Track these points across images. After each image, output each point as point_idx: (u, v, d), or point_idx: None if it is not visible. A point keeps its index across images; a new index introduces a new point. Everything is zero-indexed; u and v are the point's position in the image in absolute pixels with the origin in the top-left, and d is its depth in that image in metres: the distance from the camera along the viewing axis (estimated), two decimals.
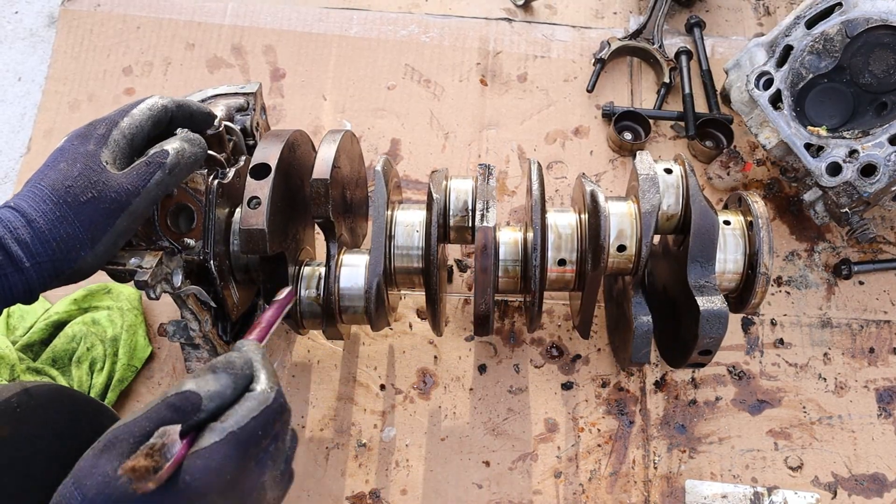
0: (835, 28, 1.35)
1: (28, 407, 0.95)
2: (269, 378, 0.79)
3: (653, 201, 1.11)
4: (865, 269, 1.50)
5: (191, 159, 0.95)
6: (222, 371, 0.77)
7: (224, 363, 0.79)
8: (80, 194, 0.85)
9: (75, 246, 0.85)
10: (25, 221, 0.83)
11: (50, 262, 0.84)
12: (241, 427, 0.73)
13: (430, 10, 1.79)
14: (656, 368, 1.42)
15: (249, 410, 0.75)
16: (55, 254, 0.84)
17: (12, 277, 0.82)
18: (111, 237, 0.87)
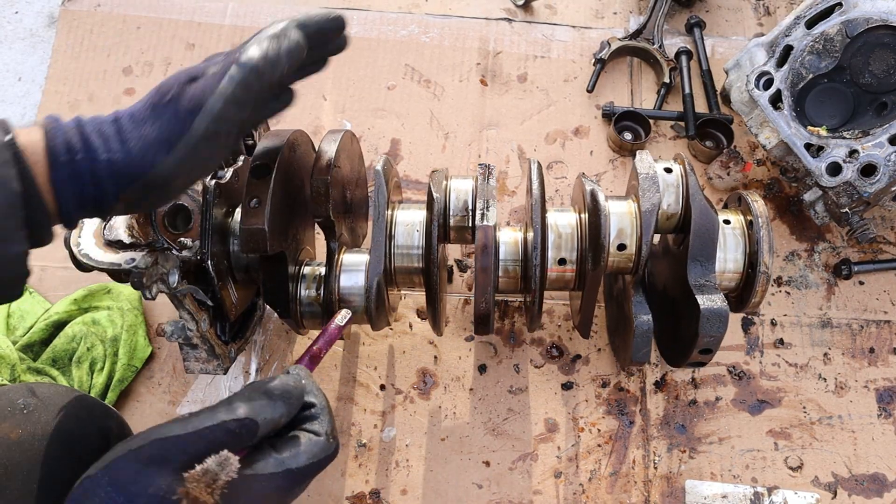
0: (835, 28, 1.35)
1: (36, 408, 0.95)
2: (330, 423, 0.80)
3: (653, 200, 1.11)
4: (865, 269, 1.50)
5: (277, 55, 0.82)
6: (279, 399, 0.77)
7: (281, 391, 0.78)
8: (164, 96, 0.80)
9: (151, 148, 0.78)
10: (114, 119, 0.80)
11: (124, 162, 0.78)
12: (299, 467, 0.75)
13: (430, 10, 1.79)
14: (656, 368, 1.42)
15: (312, 455, 0.76)
16: (131, 153, 0.78)
17: (83, 165, 0.77)
18: (188, 142, 0.78)
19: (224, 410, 0.74)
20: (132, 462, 0.71)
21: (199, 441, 0.72)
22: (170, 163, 0.78)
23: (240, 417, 0.73)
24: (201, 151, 0.79)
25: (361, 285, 1.15)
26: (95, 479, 0.72)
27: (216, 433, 0.72)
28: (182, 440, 0.72)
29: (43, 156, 0.76)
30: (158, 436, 0.73)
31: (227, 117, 0.79)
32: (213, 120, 0.78)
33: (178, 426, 0.73)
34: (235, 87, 0.79)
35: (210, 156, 0.82)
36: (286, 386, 0.79)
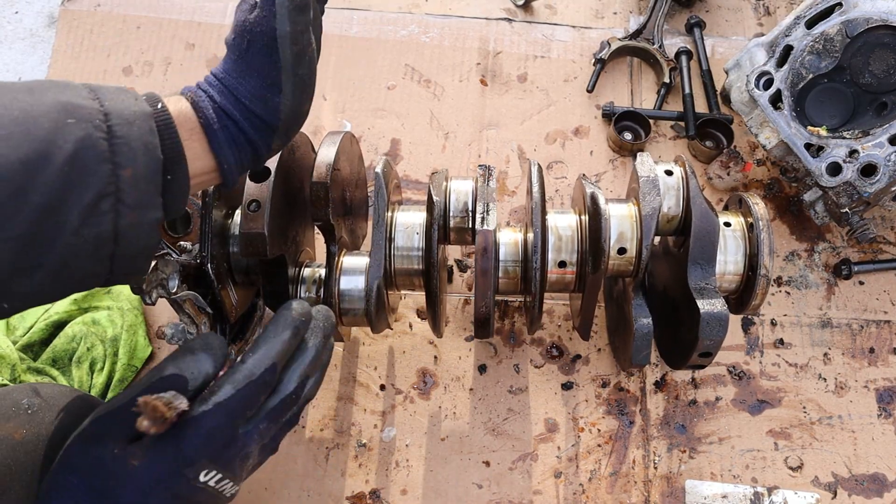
0: (835, 28, 1.35)
1: (40, 408, 0.95)
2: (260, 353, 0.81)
3: (653, 204, 1.11)
4: (865, 269, 1.50)
5: None
6: (201, 351, 0.80)
7: (201, 344, 0.81)
8: (242, 41, 0.80)
9: (266, 95, 0.81)
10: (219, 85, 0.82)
11: (255, 116, 0.81)
12: (227, 397, 0.77)
13: (430, 10, 1.79)
14: (656, 369, 1.43)
15: (235, 383, 0.78)
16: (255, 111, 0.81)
17: (233, 131, 0.81)
18: (287, 75, 0.80)
19: (151, 373, 0.78)
20: (77, 443, 0.77)
21: (132, 405, 0.74)
22: (287, 102, 0.81)
23: (165, 375, 0.77)
24: (301, 74, 0.82)
25: (361, 288, 1.16)
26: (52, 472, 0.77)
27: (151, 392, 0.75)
28: (114, 413, 0.77)
29: (198, 126, 0.80)
30: (97, 413, 0.78)
31: (299, 30, 0.80)
32: (291, 41, 0.79)
33: (117, 399, 0.78)
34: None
35: (309, 72, 0.84)
36: (206, 340, 0.82)
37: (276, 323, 0.84)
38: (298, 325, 0.84)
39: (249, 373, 0.79)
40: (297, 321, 0.85)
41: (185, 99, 0.81)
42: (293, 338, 0.84)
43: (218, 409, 0.76)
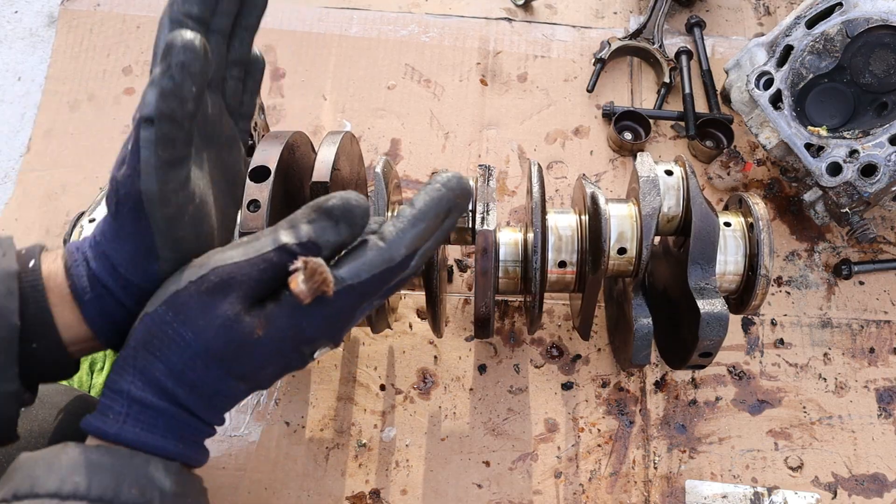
0: (835, 28, 1.35)
1: (35, 407, 0.95)
2: (407, 235, 0.71)
3: (653, 204, 1.11)
4: (866, 269, 1.50)
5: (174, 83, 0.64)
6: (342, 221, 0.70)
7: (342, 211, 0.70)
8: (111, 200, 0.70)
9: (142, 263, 0.70)
10: (97, 247, 0.72)
11: (133, 285, 0.71)
12: (361, 281, 0.69)
13: (430, 10, 1.78)
14: (656, 369, 1.43)
15: (372, 267, 0.70)
16: (132, 276, 0.70)
17: (107, 301, 0.71)
18: (165, 241, 0.69)
19: (285, 232, 0.69)
20: (194, 294, 0.67)
21: (262, 264, 0.68)
22: (167, 269, 0.70)
23: (303, 240, 0.68)
24: (181, 237, 0.70)
25: None
26: (157, 314, 0.67)
27: (281, 255, 0.68)
28: (244, 265, 0.67)
29: (69, 294, 0.71)
30: (218, 263, 0.68)
31: (170, 189, 0.67)
32: (160, 203, 0.66)
33: (237, 251, 0.68)
34: (155, 152, 0.65)
35: (194, 233, 0.71)
36: (347, 204, 0.70)
37: (430, 201, 0.72)
38: (451, 206, 0.73)
39: (389, 258, 0.70)
40: (451, 203, 0.73)
41: (61, 259, 0.72)
42: (440, 220, 0.73)
43: (349, 293, 0.69)
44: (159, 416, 0.67)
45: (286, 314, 0.68)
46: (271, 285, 0.69)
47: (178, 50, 0.64)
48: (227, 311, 0.66)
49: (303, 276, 0.66)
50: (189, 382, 0.67)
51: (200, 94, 0.67)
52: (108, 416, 0.67)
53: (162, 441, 0.67)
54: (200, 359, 0.66)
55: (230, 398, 0.70)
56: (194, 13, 0.68)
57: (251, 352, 0.67)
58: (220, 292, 0.67)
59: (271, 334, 0.67)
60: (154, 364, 0.66)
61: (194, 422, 0.69)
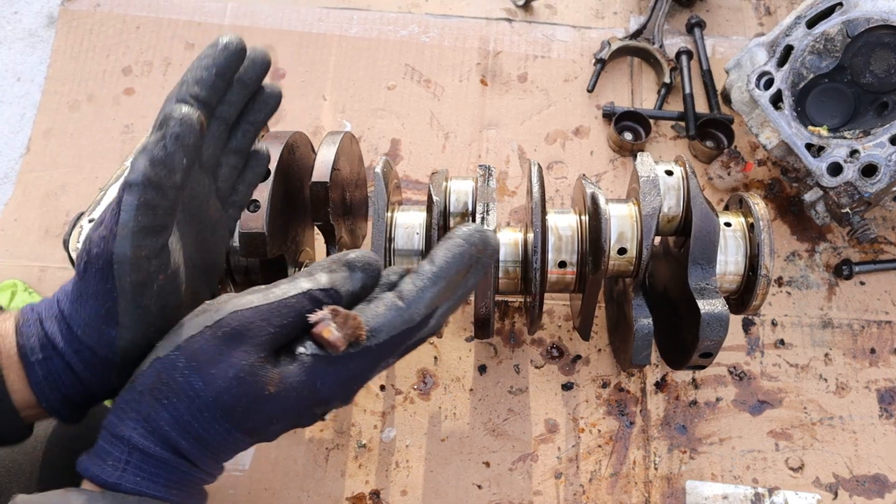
0: (836, 28, 1.35)
1: None
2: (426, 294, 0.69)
3: (654, 204, 1.10)
4: (866, 269, 1.50)
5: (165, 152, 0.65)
6: (360, 271, 0.69)
7: (362, 262, 0.70)
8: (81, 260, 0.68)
9: (100, 326, 0.67)
10: (58, 306, 0.70)
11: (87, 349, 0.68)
12: (378, 344, 0.67)
13: (431, 10, 1.78)
14: (657, 369, 1.42)
15: (392, 328, 0.67)
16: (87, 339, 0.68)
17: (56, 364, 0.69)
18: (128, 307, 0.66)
19: (305, 279, 0.67)
20: (210, 339, 0.64)
21: (283, 310, 0.65)
22: (126, 336, 0.68)
23: (324, 287, 0.67)
24: (145, 306, 0.68)
25: None
26: (169, 360, 0.64)
27: (302, 302, 0.66)
28: (264, 311, 0.65)
29: (16, 356, 0.69)
30: (237, 307, 0.65)
31: (143, 256, 0.65)
32: (130, 268, 0.65)
33: (256, 296, 0.66)
34: (135, 217, 0.64)
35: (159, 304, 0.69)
36: (366, 257, 0.70)
37: (451, 258, 0.70)
38: (472, 262, 0.71)
39: (409, 318, 0.68)
40: (473, 259, 0.70)
41: (12, 319, 0.70)
42: (461, 277, 0.70)
43: (368, 354, 0.67)
44: (161, 467, 0.65)
45: (302, 372, 0.66)
46: (289, 336, 0.67)
47: (174, 122, 0.65)
48: (241, 361, 0.64)
49: (334, 324, 0.64)
50: (195, 434, 0.64)
51: (190, 168, 0.67)
52: (107, 462, 0.64)
53: (163, 492, 0.65)
54: (209, 411, 0.64)
55: (234, 450, 0.69)
56: (201, 96, 0.69)
57: (263, 408, 0.65)
58: (237, 340, 0.64)
59: (285, 393, 0.65)
60: (160, 412, 0.64)
61: (196, 472, 0.67)
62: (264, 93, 0.79)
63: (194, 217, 0.75)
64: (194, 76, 0.70)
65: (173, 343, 0.65)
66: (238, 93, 0.75)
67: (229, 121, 0.76)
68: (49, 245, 1.54)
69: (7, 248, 1.55)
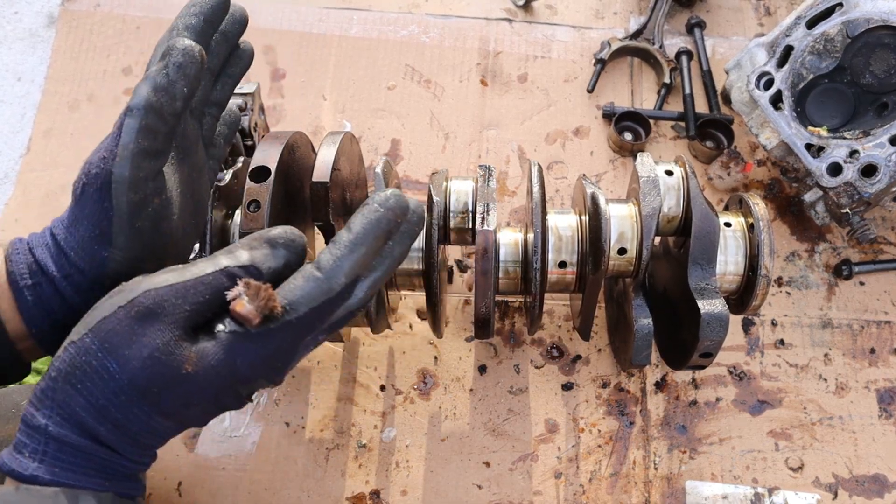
0: (835, 28, 1.35)
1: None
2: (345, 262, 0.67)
3: (654, 204, 1.11)
4: (866, 269, 1.50)
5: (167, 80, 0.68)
6: (282, 248, 0.68)
7: (284, 239, 0.69)
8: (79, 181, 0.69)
9: (93, 247, 0.69)
10: (51, 231, 0.72)
11: (78, 272, 0.70)
12: (300, 315, 0.65)
13: (431, 11, 1.78)
14: (657, 369, 1.42)
15: (311, 300, 0.66)
16: (79, 261, 0.69)
17: (45, 288, 0.70)
18: (122, 227, 0.68)
19: (225, 256, 0.66)
20: (123, 320, 0.63)
21: (199, 287, 0.64)
22: (117, 257, 0.69)
23: (244, 263, 0.66)
24: (140, 227, 0.69)
25: None
26: (83, 343, 0.63)
27: (220, 279, 0.65)
28: (180, 289, 0.64)
29: (6, 283, 0.70)
30: (151, 286, 0.64)
31: (141, 177, 0.68)
32: (128, 188, 0.67)
33: (172, 275, 0.65)
34: (136, 139, 0.66)
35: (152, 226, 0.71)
36: (288, 234, 0.69)
37: (367, 224, 0.69)
38: (391, 228, 0.69)
39: (328, 288, 0.66)
40: (391, 224, 0.69)
41: (0, 250, 0.72)
42: (381, 243, 0.70)
43: (287, 328, 0.65)
44: (79, 455, 0.63)
45: (220, 350, 0.64)
46: (207, 314, 0.65)
47: (177, 52, 0.68)
48: (156, 340, 0.62)
49: (247, 297, 0.63)
50: (112, 419, 0.63)
51: (190, 98, 0.70)
52: (24, 455, 0.62)
53: (84, 481, 0.63)
54: (125, 394, 0.62)
55: (157, 436, 0.67)
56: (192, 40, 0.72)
57: (180, 388, 0.63)
58: (151, 318, 0.63)
59: (203, 372, 0.63)
60: (74, 398, 0.62)
61: (119, 459, 0.65)
62: (240, 49, 0.85)
63: (185, 157, 0.77)
64: (185, 22, 0.73)
65: (86, 326, 0.64)
66: (222, 45, 0.80)
67: (214, 70, 0.81)
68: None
69: None
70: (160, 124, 0.68)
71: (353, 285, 0.68)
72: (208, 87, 0.81)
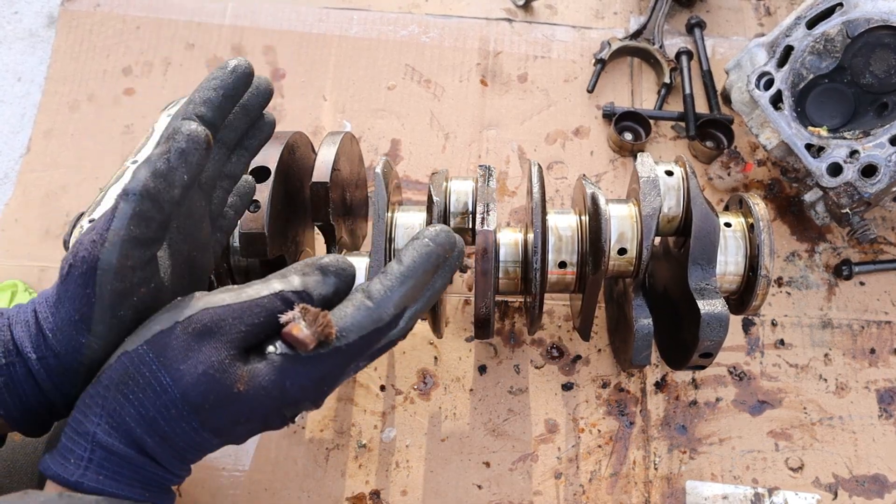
0: (836, 28, 1.35)
1: None
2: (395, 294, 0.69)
3: (654, 204, 1.11)
4: (866, 269, 1.50)
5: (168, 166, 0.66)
6: (332, 275, 0.70)
7: (335, 267, 0.70)
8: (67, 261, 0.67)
9: (71, 332, 0.66)
10: (34, 307, 0.69)
11: (53, 355, 0.67)
12: (349, 343, 0.67)
13: (431, 11, 1.78)
14: (657, 369, 1.42)
15: (361, 328, 0.67)
16: (56, 344, 0.67)
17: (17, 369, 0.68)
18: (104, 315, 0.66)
19: (279, 280, 0.68)
20: (180, 335, 0.64)
21: (255, 309, 0.65)
22: (95, 346, 0.66)
23: (297, 288, 0.67)
24: (121, 317, 0.67)
25: None
26: (137, 354, 0.63)
27: (274, 303, 0.66)
28: (236, 309, 0.65)
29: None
30: (209, 304, 0.65)
31: (128, 266, 0.65)
32: (114, 276, 0.65)
33: (229, 295, 0.66)
34: (127, 226, 0.64)
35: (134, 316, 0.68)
36: (339, 262, 0.70)
37: (418, 257, 0.71)
38: (439, 263, 0.72)
39: (378, 318, 0.68)
40: (440, 259, 0.71)
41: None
42: (429, 277, 0.71)
43: (337, 354, 0.66)
44: (124, 465, 0.63)
45: (272, 372, 0.65)
46: (260, 336, 0.67)
47: (181, 137, 0.67)
48: (211, 357, 0.63)
49: (304, 322, 0.64)
50: (161, 432, 0.63)
51: (190, 186, 0.68)
52: (69, 461, 0.63)
53: (127, 490, 0.63)
54: (176, 407, 0.63)
55: (200, 451, 0.68)
56: (207, 117, 0.71)
57: (231, 406, 0.64)
58: (207, 336, 0.64)
59: (254, 391, 0.65)
60: (125, 407, 0.63)
61: (161, 471, 0.66)
62: (261, 121, 0.81)
63: (188, 236, 0.75)
64: (202, 96, 0.71)
65: (142, 337, 0.64)
66: (241, 118, 0.78)
67: (230, 145, 0.79)
68: (49, 245, 1.54)
69: (7, 248, 1.55)
70: (155, 212, 0.66)
71: (400, 316, 0.70)
72: (222, 160, 0.78)
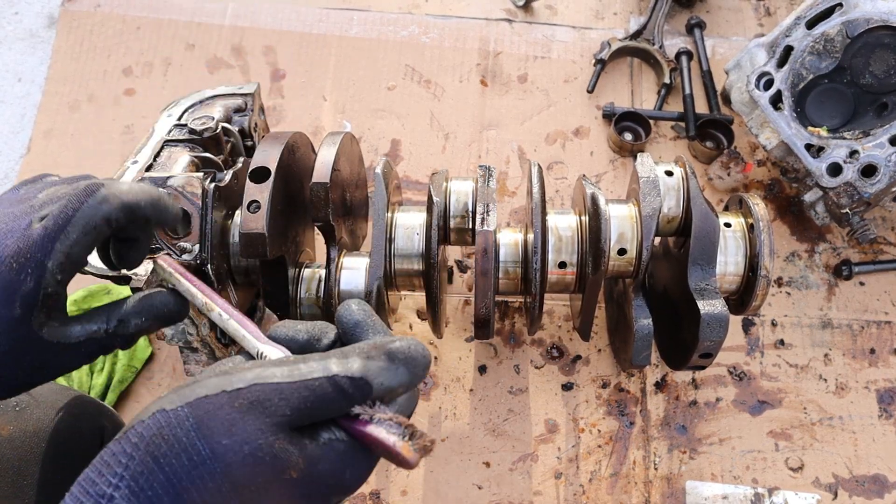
0: (835, 28, 1.35)
1: (28, 406, 0.95)
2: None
3: (654, 204, 1.11)
4: (866, 269, 1.50)
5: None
6: (402, 365, 0.62)
7: (405, 356, 0.62)
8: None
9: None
10: None
11: None
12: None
13: (431, 11, 1.78)
14: (657, 369, 1.42)
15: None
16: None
17: None
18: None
19: (336, 362, 0.60)
20: (226, 406, 0.57)
21: (305, 392, 0.59)
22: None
23: (355, 375, 0.59)
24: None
25: (362, 289, 1.15)
26: (177, 415, 0.57)
27: (326, 388, 0.59)
28: (287, 389, 0.58)
29: None
30: (259, 379, 0.59)
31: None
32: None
33: (280, 370, 0.60)
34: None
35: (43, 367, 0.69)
36: (412, 350, 0.63)
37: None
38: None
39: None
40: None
41: None
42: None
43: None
44: None
45: (333, 461, 0.60)
46: (309, 418, 0.60)
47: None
48: (258, 438, 0.56)
49: (411, 442, 0.59)
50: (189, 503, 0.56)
51: None
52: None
53: None
54: (215, 481, 0.55)
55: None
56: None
57: (280, 491, 0.58)
58: (253, 412, 0.57)
59: (309, 479, 0.59)
60: (154, 473, 0.55)
61: None
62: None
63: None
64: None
65: (184, 398, 0.58)
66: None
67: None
68: None
69: None
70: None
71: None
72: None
